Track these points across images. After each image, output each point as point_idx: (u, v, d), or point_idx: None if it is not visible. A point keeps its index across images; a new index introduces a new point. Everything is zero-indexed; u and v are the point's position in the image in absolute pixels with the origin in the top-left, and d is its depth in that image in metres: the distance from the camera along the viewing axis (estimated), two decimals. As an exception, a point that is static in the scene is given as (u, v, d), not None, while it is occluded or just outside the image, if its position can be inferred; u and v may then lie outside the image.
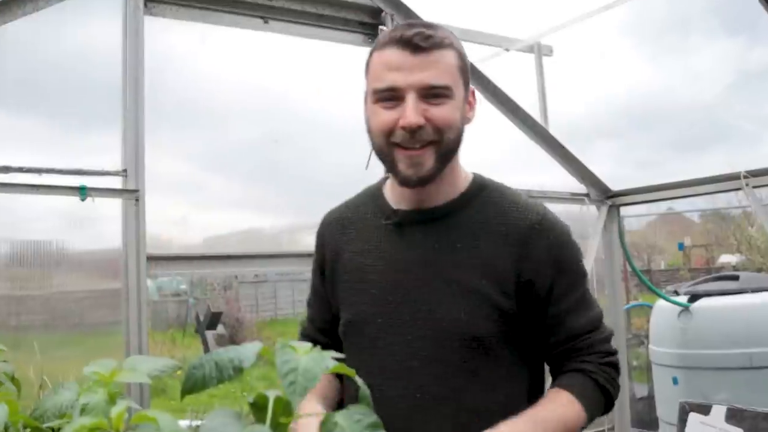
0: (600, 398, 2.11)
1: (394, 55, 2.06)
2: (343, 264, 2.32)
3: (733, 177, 5.05)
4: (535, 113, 5.50)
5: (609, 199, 5.84)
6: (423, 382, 2.08)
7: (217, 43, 4.47)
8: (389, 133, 2.08)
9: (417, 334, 2.11)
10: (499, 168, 5.39)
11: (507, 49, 5.80)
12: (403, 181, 2.14)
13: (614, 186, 5.86)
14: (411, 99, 2.03)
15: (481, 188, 2.24)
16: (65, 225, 3.82)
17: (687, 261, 34.20)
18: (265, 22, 4.39)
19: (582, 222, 5.78)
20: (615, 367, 2.17)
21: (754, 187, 4.93)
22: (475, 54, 5.21)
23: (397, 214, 2.24)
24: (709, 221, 37.44)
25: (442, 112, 2.05)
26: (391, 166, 2.15)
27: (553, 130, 5.52)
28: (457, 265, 2.11)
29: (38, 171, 3.60)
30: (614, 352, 2.19)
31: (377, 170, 3.91)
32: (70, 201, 3.67)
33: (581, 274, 2.21)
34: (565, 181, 5.66)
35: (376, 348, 2.16)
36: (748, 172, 4.93)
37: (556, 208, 5.80)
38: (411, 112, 2.02)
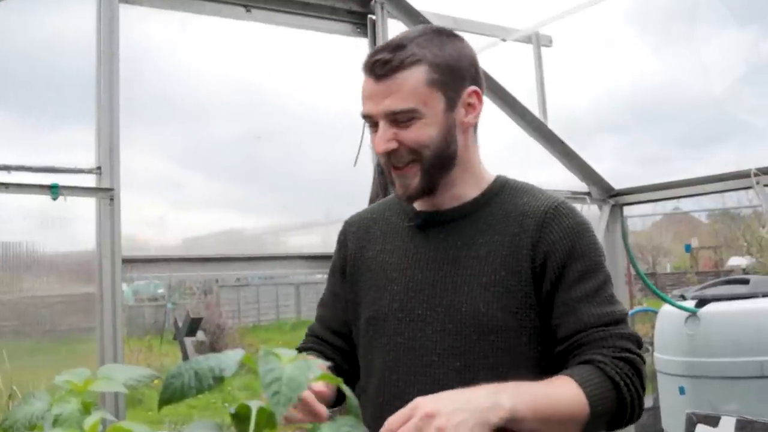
0: (609, 393, 2.01)
1: (365, 82, 2.20)
2: (367, 262, 2.44)
3: (743, 175, 5.06)
4: (533, 107, 5.51)
5: (612, 198, 5.85)
6: (442, 377, 2.14)
7: (197, 33, 4.47)
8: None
9: (436, 328, 2.20)
10: (495, 165, 5.39)
11: (504, 40, 5.80)
12: (399, 198, 2.31)
13: (617, 184, 5.86)
14: (381, 126, 2.18)
15: (502, 187, 2.36)
16: (36, 226, 3.82)
17: (694, 263, 34.34)
18: (248, 10, 4.39)
19: (583, 222, 5.78)
20: (633, 365, 2.08)
21: (765, 185, 4.94)
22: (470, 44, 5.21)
23: (420, 216, 2.36)
24: (717, 221, 37.60)
25: (410, 134, 2.16)
26: (391, 182, 2.30)
27: (553, 125, 5.52)
28: (478, 260, 2.20)
29: (6, 168, 3.59)
30: (635, 353, 2.11)
31: (366, 168, 3.91)
32: (41, 200, 3.66)
33: (599, 268, 2.20)
34: (565, 179, 5.67)
35: (396, 344, 2.25)
36: (758, 169, 4.94)
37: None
38: (378, 140, 2.18)
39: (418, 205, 2.38)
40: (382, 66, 2.14)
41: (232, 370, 1.04)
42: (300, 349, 2.49)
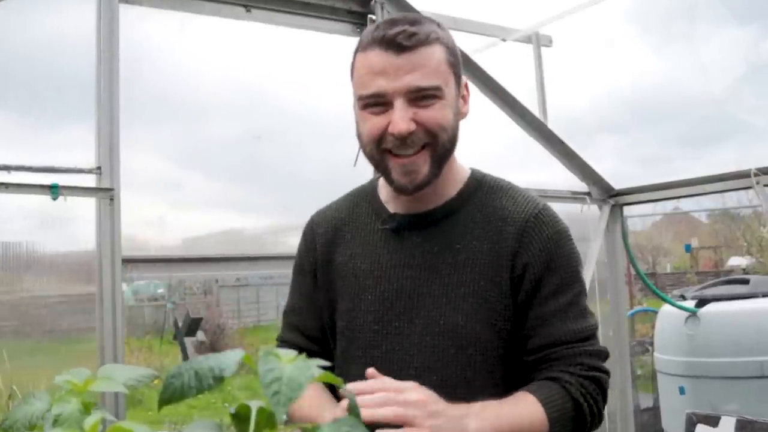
0: (569, 413, 2.02)
1: (377, 57, 2.05)
2: (338, 269, 2.33)
3: (743, 175, 5.06)
4: (533, 107, 5.50)
5: (612, 198, 5.85)
6: None
7: (197, 33, 4.47)
8: (379, 140, 2.09)
9: (413, 341, 2.13)
10: (495, 165, 5.39)
11: (504, 40, 5.80)
12: (399, 190, 2.16)
13: (617, 184, 5.86)
14: (399, 104, 2.02)
15: (479, 185, 2.26)
16: (36, 226, 3.82)
17: (694, 263, 34.34)
18: (248, 10, 4.39)
19: (583, 222, 5.78)
20: (599, 383, 2.09)
21: (765, 185, 4.94)
22: (469, 44, 5.22)
23: (394, 219, 2.26)
24: (717, 221, 37.62)
25: (433, 114, 2.04)
26: (384, 173, 2.17)
27: (553, 125, 5.52)
28: (456, 267, 2.14)
29: (6, 168, 3.59)
30: (602, 370, 2.12)
31: (366, 167, 3.91)
32: (41, 200, 3.66)
33: (575, 280, 2.17)
34: (565, 179, 5.67)
35: (372, 357, 2.17)
36: (758, 169, 4.94)
37: (555, 208, 5.81)
38: (399, 119, 2.01)
39: (390, 206, 2.29)
40: (409, 38, 2.01)
41: (232, 370, 1.03)
42: None
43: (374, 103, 2.07)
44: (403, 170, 2.10)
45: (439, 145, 2.08)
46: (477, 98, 5.08)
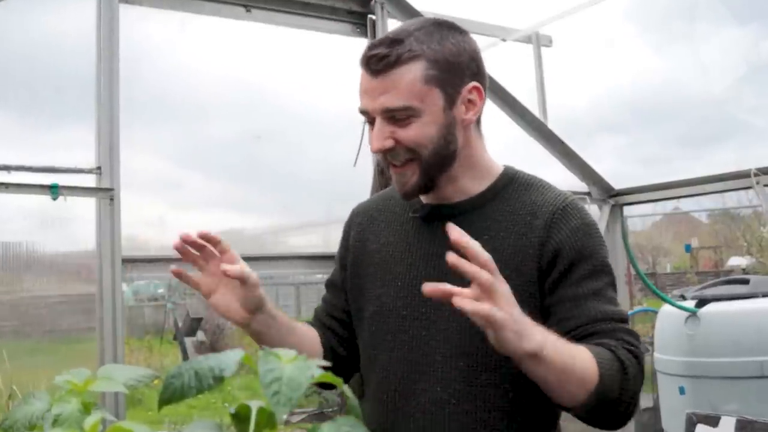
0: (617, 373, 1.97)
1: (362, 76, 2.13)
2: (370, 255, 2.40)
3: (743, 175, 5.06)
4: (533, 107, 5.51)
5: (612, 198, 5.86)
6: (445, 377, 2.13)
7: (197, 33, 4.47)
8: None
9: (440, 327, 2.16)
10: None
11: (504, 40, 5.81)
12: (398, 195, 2.25)
13: (617, 184, 5.87)
14: (377, 123, 2.10)
15: (510, 180, 2.30)
16: (36, 225, 3.82)
17: (694, 263, 34.33)
18: (248, 10, 4.39)
19: (583, 222, 5.78)
20: (638, 359, 2.05)
21: (765, 185, 4.94)
22: (470, 44, 5.22)
23: (425, 208, 2.30)
24: (717, 221, 37.61)
25: (408, 133, 2.09)
26: (391, 179, 2.25)
27: (553, 125, 5.52)
28: None
29: (7, 168, 3.59)
30: (640, 348, 2.09)
31: (366, 168, 3.90)
32: (41, 200, 3.66)
33: (607, 270, 2.19)
34: (565, 179, 5.67)
35: (400, 341, 2.23)
36: (758, 169, 4.95)
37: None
38: (374, 139, 2.10)
39: (423, 197, 2.32)
40: (378, 61, 2.07)
41: (232, 370, 1.03)
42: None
43: (367, 119, 2.16)
44: (396, 179, 2.19)
45: (422, 160, 2.13)
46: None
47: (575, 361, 1.91)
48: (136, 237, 4.19)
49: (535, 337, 1.81)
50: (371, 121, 2.13)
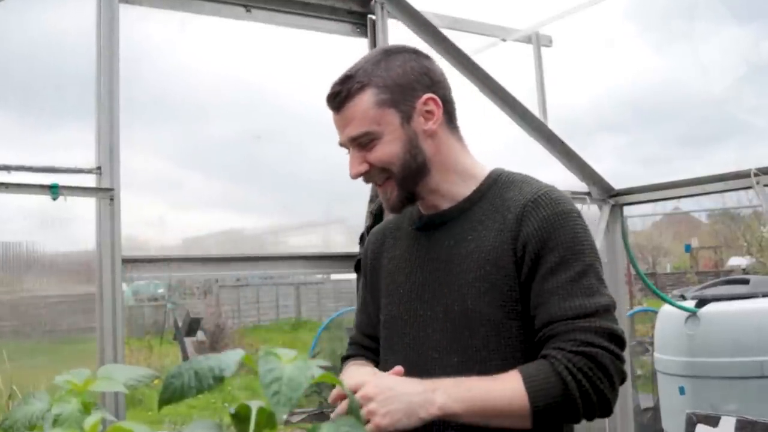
0: (554, 389, 2.04)
1: (332, 114, 2.39)
2: (383, 270, 2.61)
3: (743, 175, 5.05)
4: (533, 107, 5.50)
5: (612, 198, 5.85)
6: (442, 373, 2.22)
7: (197, 33, 4.47)
8: None
9: (436, 327, 2.34)
10: (495, 165, 5.39)
11: (504, 40, 5.81)
12: (389, 211, 2.52)
13: (617, 184, 5.86)
14: (351, 152, 2.37)
15: (495, 181, 2.43)
16: (36, 226, 3.82)
17: (694, 263, 34.34)
18: (248, 10, 4.39)
19: (583, 222, 5.77)
20: (592, 359, 2.08)
21: (765, 185, 4.93)
22: (470, 44, 5.22)
23: (421, 220, 2.51)
24: (717, 221, 37.63)
25: (376, 154, 2.32)
26: None
27: (553, 125, 5.52)
28: (466, 257, 2.32)
29: (6, 168, 3.59)
30: (599, 345, 2.10)
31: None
32: (41, 200, 3.66)
33: (578, 258, 2.23)
34: (565, 179, 5.66)
35: (404, 344, 2.42)
36: (758, 169, 4.94)
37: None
38: (350, 165, 2.37)
39: (421, 209, 2.50)
40: (335, 99, 2.32)
41: (232, 370, 1.04)
42: (344, 358, 2.73)
43: (346, 149, 2.41)
44: (382, 197, 2.46)
45: (396, 175, 2.35)
46: (477, 98, 5.08)
47: (494, 399, 2.06)
48: (136, 237, 4.19)
49: (431, 404, 2.03)
50: (348, 150, 2.38)
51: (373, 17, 4.71)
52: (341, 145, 2.39)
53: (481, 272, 2.26)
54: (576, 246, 2.23)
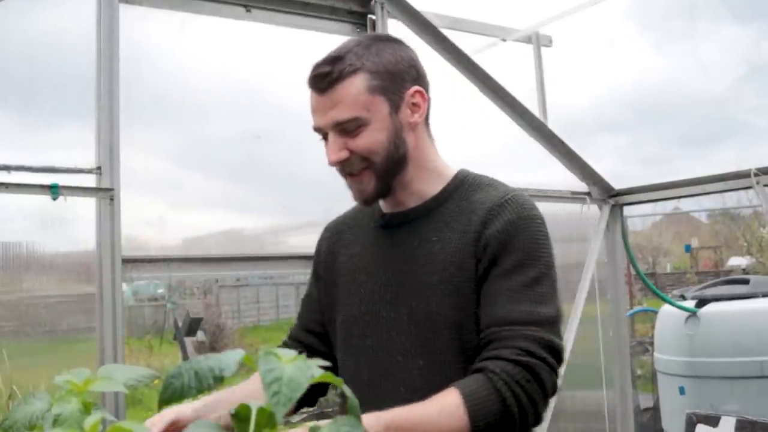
0: (494, 406, 1.99)
1: (311, 96, 2.31)
2: (340, 267, 2.53)
3: (743, 175, 5.06)
4: (533, 107, 5.50)
5: (611, 198, 5.85)
6: (407, 376, 2.22)
7: (197, 33, 4.47)
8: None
9: (401, 329, 2.27)
10: (495, 165, 5.38)
11: (504, 40, 5.81)
12: (357, 202, 2.43)
13: (617, 184, 5.86)
14: (331, 137, 2.27)
15: (461, 182, 2.38)
16: (36, 226, 3.81)
17: (694, 263, 34.37)
18: (248, 10, 4.39)
19: (583, 222, 5.79)
20: (530, 370, 2.03)
21: (765, 185, 4.94)
22: (470, 44, 5.22)
23: (384, 218, 2.44)
24: (717, 221, 37.68)
25: (361, 142, 2.24)
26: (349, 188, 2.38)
27: (553, 125, 5.52)
28: (431, 257, 2.26)
29: (6, 168, 3.59)
30: (539, 357, 2.05)
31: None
32: (41, 200, 3.66)
33: (535, 264, 2.18)
34: (565, 179, 5.67)
35: (365, 346, 2.34)
36: (758, 169, 4.94)
37: (555, 208, 5.78)
38: (330, 151, 2.27)
39: (384, 206, 2.45)
40: (323, 79, 2.24)
41: (232, 370, 1.04)
42: None
43: (321, 135, 2.33)
44: (353, 188, 2.35)
45: (376, 166, 2.27)
46: (477, 98, 5.08)
47: (434, 423, 1.97)
48: (136, 237, 4.19)
49: None
50: (325, 137, 2.30)
51: (373, 17, 4.71)
52: (317, 129, 2.33)
53: (445, 274, 2.21)
54: (535, 252, 2.19)
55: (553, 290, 2.19)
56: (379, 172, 2.28)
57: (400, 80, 2.28)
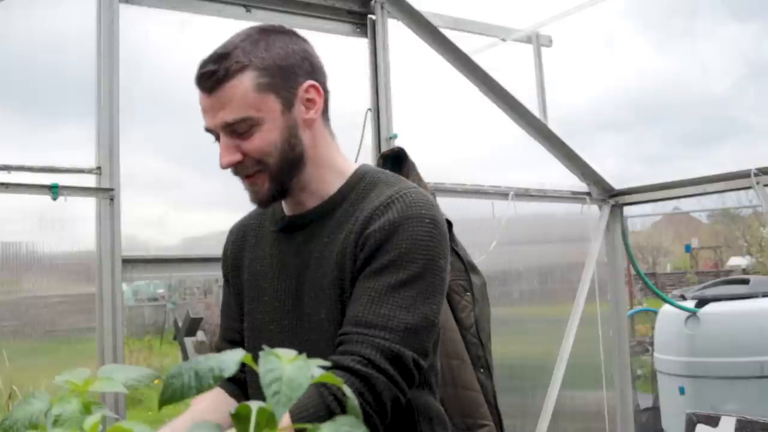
0: (322, 419, 1.89)
1: (199, 96, 2.20)
2: (243, 272, 2.44)
3: (743, 175, 5.06)
4: (533, 107, 5.50)
5: (612, 198, 5.85)
6: None
7: (197, 32, 4.46)
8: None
9: (302, 338, 2.18)
10: (495, 165, 5.38)
11: (504, 40, 5.81)
12: (253, 205, 2.31)
13: (617, 184, 5.86)
14: (222, 139, 2.16)
15: (360, 179, 2.26)
16: (36, 226, 3.81)
17: (694, 264, 34.36)
18: (248, 10, 4.39)
19: (583, 222, 5.79)
20: (366, 381, 1.94)
21: (765, 185, 4.94)
22: (470, 44, 5.21)
23: (283, 221, 2.34)
24: (717, 222, 37.72)
25: (253, 143, 2.13)
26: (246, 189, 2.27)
27: (553, 125, 5.52)
28: (322, 261, 2.18)
29: (7, 168, 3.59)
30: (380, 368, 1.96)
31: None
32: (41, 200, 3.66)
33: (410, 264, 2.05)
34: (565, 179, 5.67)
35: None
36: (758, 169, 4.94)
37: (555, 208, 5.78)
38: (221, 155, 2.17)
39: (285, 207, 2.35)
40: (209, 79, 2.14)
41: (232, 370, 1.04)
42: None
43: (213, 136, 2.22)
44: (249, 190, 2.25)
45: (270, 167, 2.16)
46: (477, 98, 5.08)
47: None
48: (136, 237, 4.19)
49: None
50: (218, 138, 2.18)
51: (373, 17, 4.71)
52: (208, 130, 2.21)
53: (332, 278, 2.12)
54: (412, 253, 2.05)
55: (424, 296, 2.06)
56: (273, 173, 2.17)
57: (291, 75, 2.16)
